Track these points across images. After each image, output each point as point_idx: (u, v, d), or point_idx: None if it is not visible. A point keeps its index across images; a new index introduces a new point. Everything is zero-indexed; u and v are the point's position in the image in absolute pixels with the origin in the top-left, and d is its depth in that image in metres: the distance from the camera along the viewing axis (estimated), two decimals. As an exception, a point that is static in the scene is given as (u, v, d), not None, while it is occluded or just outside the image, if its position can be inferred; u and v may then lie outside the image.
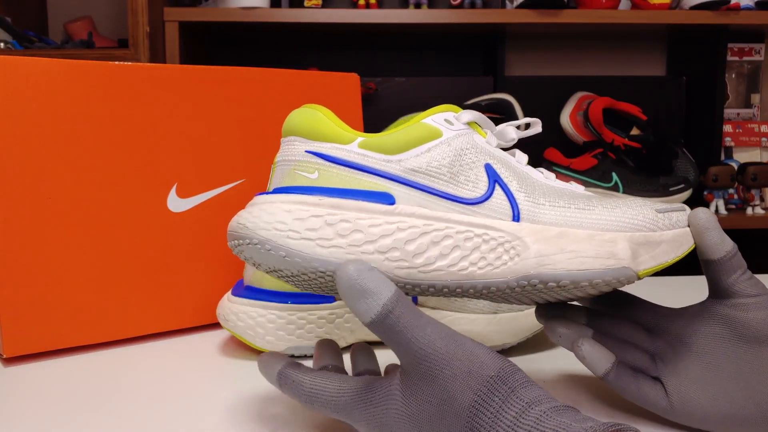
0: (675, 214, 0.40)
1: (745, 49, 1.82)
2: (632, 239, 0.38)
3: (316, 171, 0.38)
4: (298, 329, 0.54)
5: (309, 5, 1.57)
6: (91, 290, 0.57)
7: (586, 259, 0.37)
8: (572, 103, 1.72)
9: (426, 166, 0.38)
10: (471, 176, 0.39)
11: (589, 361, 0.41)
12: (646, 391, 0.41)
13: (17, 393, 0.48)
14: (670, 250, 0.39)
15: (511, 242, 0.38)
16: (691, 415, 0.40)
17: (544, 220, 0.39)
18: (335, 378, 0.37)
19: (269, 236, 0.36)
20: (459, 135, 0.40)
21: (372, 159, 0.38)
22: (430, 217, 0.38)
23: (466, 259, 0.37)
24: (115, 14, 1.79)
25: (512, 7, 1.62)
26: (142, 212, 0.59)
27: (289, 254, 0.36)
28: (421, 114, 0.40)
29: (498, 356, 0.34)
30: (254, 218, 0.37)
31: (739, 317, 0.39)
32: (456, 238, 0.37)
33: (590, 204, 0.40)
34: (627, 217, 0.39)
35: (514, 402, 0.31)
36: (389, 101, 1.74)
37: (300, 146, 0.39)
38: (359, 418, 0.36)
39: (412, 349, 0.34)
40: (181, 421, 0.44)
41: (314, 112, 0.40)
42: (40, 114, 0.54)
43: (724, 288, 0.40)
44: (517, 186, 0.39)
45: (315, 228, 0.36)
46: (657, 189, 1.60)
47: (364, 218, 0.37)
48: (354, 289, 0.34)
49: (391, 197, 0.38)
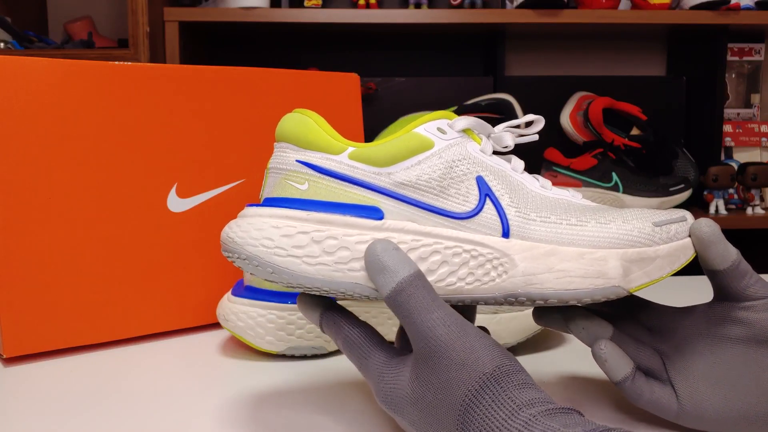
0: (674, 226, 0.40)
1: (745, 49, 1.82)
2: (624, 256, 0.38)
3: (306, 182, 0.38)
4: (298, 329, 0.54)
5: (309, 5, 1.57)
6: (91, 290, 0.57)
7: (575, 279, 0.37)
8: (572, 103, 1.72)
9: (416, 179, 0.38)
10: (461, 189, 0.39)
11: (610, 365, 0.40)
12: (658, 396, 0.40)
13: (17, 393, 0.48)
14: (666, 265, 0.39)
15: (500, 259, 0.38)
16: (702, 417, 0.39)
17: (534, 236, 0.38)
18: (368, 337, 0.39)
19: (257, 252, 0.37)
20: (451, 145, 0.39)
21: (361, 171, 0.38)
22: (418, 232, 0.38)
23: (454, 274, 0.37)
24: (115, 14, 1.79)
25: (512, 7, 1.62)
26: (142, 212, 0.59)
27: (275, 271, 0.37)
28: (413, 123, 0.40)
29: (499, 353, 0.34)
30: (243, 233, 0.37)
31: (751, 318, 0.39)
32: (444, 253, 0.37)
33: (583, 219, 0.39)
34: (621, 232, 0.39)
35: (504, 403, 0.31)
36: (389, 101, 1.74)
37: (291, 155, 0.39)
38: (375, 389, 0.37)
39: (417, 330, 0.35)
40: (180, 420, 0.44)
41: (305, 119, 0.39)
42: (40, 114, 0.54)
43: (735, 293, 0.40)
44: (509, 200, 0.39)
45: (302, 245, 0.37)
46: (657, 189, 1.60)
47: (351, 234, 0.37)
48: (376, 264, 0.36)
49: (379, 211, 0.38)
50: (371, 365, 0.38)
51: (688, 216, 0.41)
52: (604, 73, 1.89)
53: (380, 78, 1.74)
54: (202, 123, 0.62)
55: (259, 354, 0.56)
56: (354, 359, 0.39)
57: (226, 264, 0.64)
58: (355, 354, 0.39)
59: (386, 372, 0.37)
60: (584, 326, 0.41)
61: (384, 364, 0.37)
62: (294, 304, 0.54)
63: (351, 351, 0.39)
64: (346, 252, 0.37)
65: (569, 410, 0.32)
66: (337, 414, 0.45)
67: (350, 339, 0.39)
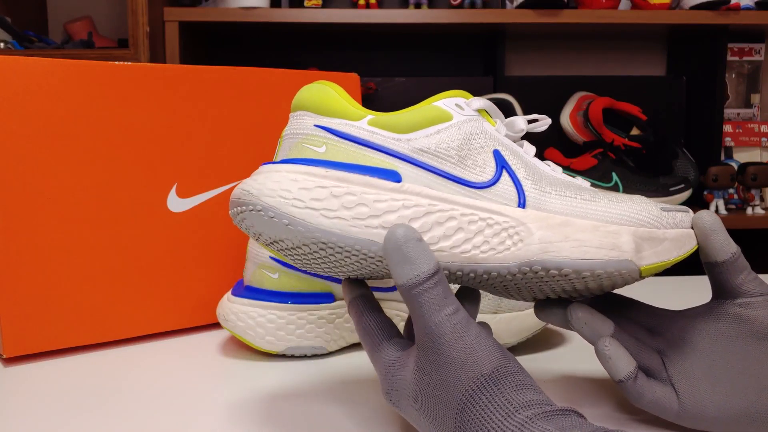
0: (679, 214, 0.40)
1: (745, 49, 1.82)
2: (636, 233, 0.38)
3: (324, 145, 0.38)
4: (298, 329, 0.54)
5: (309, 5, 1.57)
6: (91, 290, 0.57)
7: (590, 248, 0.37)
8: (572, 103, 1.72)
9: (435, 147, 0.38)
10: (479, 161, 0.39)
11: (614, 362, 0.40)
12: (659, 396, 0.40)
13: (17, 393, 0.48)
14: (673, 249, 0.39)
15: (516, 228, 0.38)
16: (703, 416, 0.39)
17: (550, 208, 0.39)
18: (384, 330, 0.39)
19: (273, 203, 0.36)
20: (469, 120, 0.40)
21: (381, 137, 0.38)
22: (435, 197, 0.38)
23: (469, 241, 0.37)
24: (115, 14, 1.79)
25: (512, 7, 1.62)
26: (142, 212, 0.59)
27: (292, 222, 0.36)
28: (432, 98, 0.40)
29: (499, 354, 0.34)
30: (259, 185, 0.37)
31: (749, 315, 0.39)
32: (460, 220, 0.37)
33: (596, 196, 0.40)
34: (632, 211, 0.39)
35: (501, 404, 0.32)
36: (389, 101, 1.74)
37: (309, 120, 0.39)
38: (380, 381, 0.38)
39: (425, 324, 0.35)
40: (180, 421, 0.44)
41: (325, 88, 0.40)
42: (40, 114, 0.54)
43: (731, 288, 0.40)
44: (525, 173, 0.39)
45: (320, 198, 0.36)
46: (657, 189, 1.60)
47: (370, 193, 0.37)
48: (398, 253, 0.35)
49: (398, 175, 0.38)
50: (381, 358, 0.38)
51: (690, 210, 0.42)
52: (604, 73, 1.89)
53: (380, 78, 1.74)
54: (202, 123, 0.62)
55: (259, 354, 0.56)
56: (366, 348, 0.40)
57: (226, 264, 0.64)
58: (368, 343, 0.39)
59: (392, 365, 0.37)
60: (586, 321, 0.41)
61: (392, 358, 0.38)
62: (294, 304, 0.54)
63: (365, 340, 0.40)
64: (365, 208, 0.36)
65: (567, 412, 0.31)
66: (337, 414, 0.45)
67: (367, 328, 0.40)
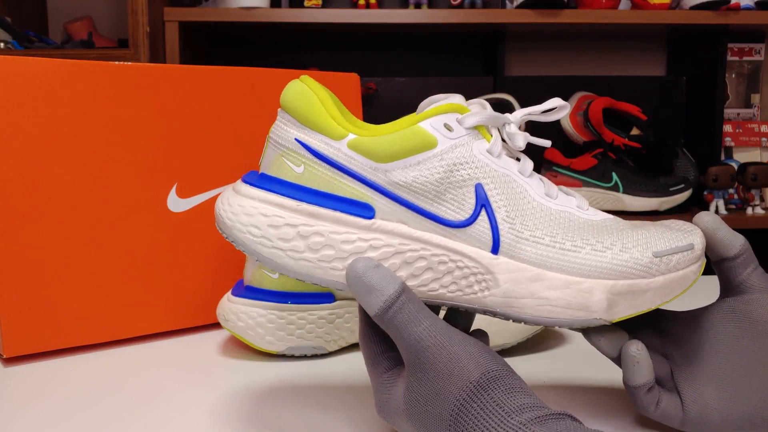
0: (676, 257, 0.38)
1: (745, 49, 1.82)
2: (613, 289, 0.37)
3: (303, 165, 0.38)
4: (298, 329, 0.54)
5: (309, 5, 1.57)
6: (91, 290, 0.57)
7: (555, 308, 0.37)
8: (572, 103, 1.72)
9: (412, 181, 0.37)
10: (458, 195, 0.37)
11: (639, 368, 0.39)
12: (665, 407, 0.40)
13: (17, 393, 0.48)
14: (656, 297, 0.38)
15: (484, 275, 0.37)
16: (707, 423, 0.39)
17: (523, 256, 0.37)
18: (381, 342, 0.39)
19: (243, 239, 0.37)
20: (456, 146, 0.37)
21: (358, 163, 0.37)
22: (407, 236, 0.37)
23: (437, 281, 0.37)
24: (115, 14, 1.79)
25: (512, 7, 1.62)
26: (142, 212, 0.59)
27: (260, 259, 0.38)
28: (421, 114, 0.38)
29: (485, 358, 0.34)
30: (233, 215, 0.38)
31: (753, 312, 0.39)
32: (430, 260, 0.37)
33: (579, 243, 0.38)
34: (615, 262, 0.37)
35: (493, 410, 0.31)
36: (389, 101, 1.74)
37: (291, 131, 0.38)
38: (374, 396, 0.38)
39: (406, 343, 0.35)
40: (180, 420, 0.44)
41: (309, 94, 0.38)
42: (40, 114, 0.54)
43: (738, 284, 0.40)
44: (505, 214, 0.37)
45: (287, 239, 0.37)
46: (657, 189, 1.60)
47: (339, 233, 0.37)
48: (360, 284, 0.36)
49: (371, 209, 0.37)
50: (374, 371, 0.38)
51: (698, 244, 0.39)
52: (604, 73, 1.89)
53: (380, 78, 1.74)
54: (202, 123, 0.62)
55: (259, 354, 0.56)
56: (364, 358, 0.39)
57: (226, 264, 0.64)
58: (366, 354, 0.39)
59: (384, 382, 0.37)
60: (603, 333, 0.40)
61: (384, 374, 0.38)
62: (294, 304, 0.54)
63: (364, 350, 0.39)
64: (331, 251, 0.37)
65: (561, 415, 0.31)
66: (337, 414, 0.45)
67: (368, 337, 0.39)
